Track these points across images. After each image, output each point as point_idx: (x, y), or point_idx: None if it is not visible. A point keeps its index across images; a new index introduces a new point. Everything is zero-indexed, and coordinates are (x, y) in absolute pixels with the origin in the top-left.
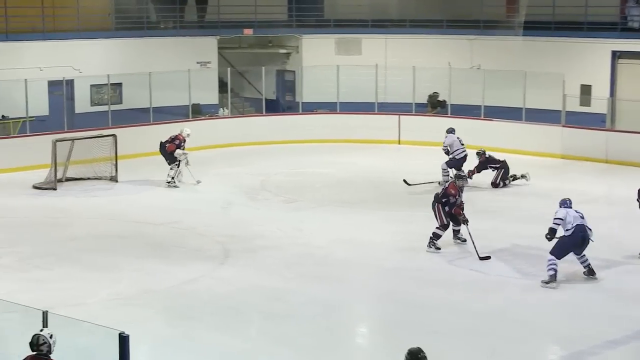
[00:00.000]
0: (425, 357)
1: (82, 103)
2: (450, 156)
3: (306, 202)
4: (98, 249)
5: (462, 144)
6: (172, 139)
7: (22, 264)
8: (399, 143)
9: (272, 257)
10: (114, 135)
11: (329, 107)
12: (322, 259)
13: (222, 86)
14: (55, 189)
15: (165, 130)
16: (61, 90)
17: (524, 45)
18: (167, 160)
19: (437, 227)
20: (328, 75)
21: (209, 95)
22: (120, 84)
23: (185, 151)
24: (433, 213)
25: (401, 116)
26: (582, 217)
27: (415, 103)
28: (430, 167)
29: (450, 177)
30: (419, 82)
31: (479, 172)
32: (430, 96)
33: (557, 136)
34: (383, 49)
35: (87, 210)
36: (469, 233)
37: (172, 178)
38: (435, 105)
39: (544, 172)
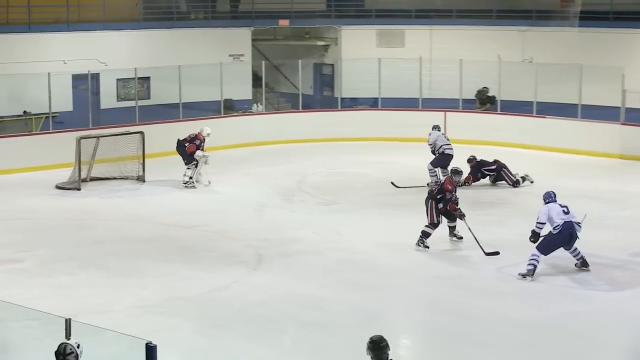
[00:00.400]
0: (387, 345)
1: (108, 98)
2: (436, 154)
3: (345, 204)
4: (124, 253)
5: (448, 141)
6: (192, 139)
7: (43, 268)
8: None
9: (309, 262)
10: (141, 133)
11: (370, 103)
12: (362, 265)
13: (256, 80)
14: (79, 189)
15: (195, 127)
16: (86, 84)
17: (580, 36)
18: (184, 160)
19: (426, 225)
20: (369, 69)
21: (242, 90)
22: (148, 78)
23: (206, 153)
24: (425, 209)
25: (447, 113)
26: (567, 212)
27: (462, 99)
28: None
29: (442, 176)
30: (466, 77)
31: (475, 179)
32: (478, 92)
33: (616, 135)
34: (428, 41)
35: (113, 211)
36: (469, 228)
37: (190, 178)
38: (484, 102)
39: (600, 173)
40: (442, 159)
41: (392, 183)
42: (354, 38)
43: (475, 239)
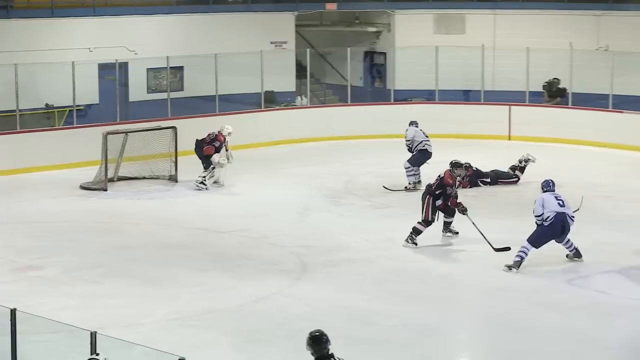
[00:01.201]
0: (328, 340)
1: (138, 90)
2: (414, 151)
3: (399, 208)
4: (154, 260)
5: (427, 137)
6: (212, 140)
7: (67, 276)
8: (509, 139)
9: (358, 272)
10: (173, 128)
11: (426, 96)
12: (418, 275)
13: (300, 71)
14: (105, 190)
15: (233, 122)
16: (113, 74)
17: None
18: (202, 163)
19: (418, 222)
20: (425, 58)
21: (285, 81)
22: (181, 68)
23: (223, 158)
24: (421, 205)
25: (512, 107)
26: (563, 205)
27: (530, 91)
28: (548, 169)
29: (415, 180)
30: (533, 67)
31: (471, 187)
32: (547, 83)
33: None
34: (491, 26)
35: (142, 214)
36: (474, 223)
37: (203, 178)
38: (553, 94)
39: None
40: (420, 156)
41: (384, 187)
42: (409, 24)
43: (482, 234)
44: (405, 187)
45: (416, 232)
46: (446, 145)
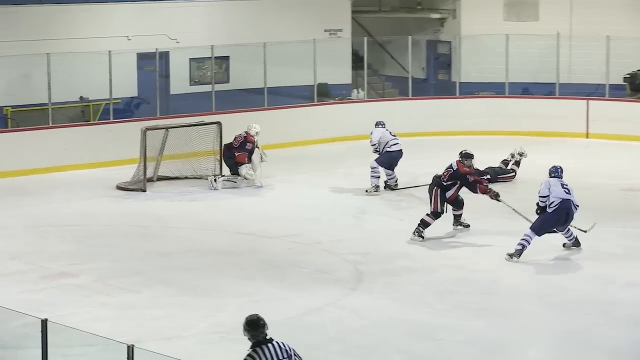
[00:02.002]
0: (265, 324)
1: (179, 81)
2: (383, 151)
3: (465, 212)
4: (196, 267)
5: (395, 137)
6: (241, 144)
7: (101, 284)
8: (587, 136)
9: (419, 282)
10: (218, 123)
11: (495, 89)
12: (485, 286)
13: (357, 61)
14: (144, 191)
15: (283, 117)
16: (153, 65)
17: None
18: (230, 170)
19: (427, 214)
20: (494, 47)
21: (340, 73)
22: (227, 58)
23: (259, 154)
24: (429, 197)
25: (590, 101)
26: (569, 192)
27: (610, 84)
28: (629, 170)
29: (376, 183)
30: (614, 57)
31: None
32: (630, 75)
33: None
34: (567, 12)
35: (184, 217)
36: (514, 209)
37: (219, 177)
38: (636, 88)
39: None
40: (389, 158)
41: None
42: (476, 10)
43: (526, 218)
44: (366, 190)
45: (424, 224)
46: (518, 142)
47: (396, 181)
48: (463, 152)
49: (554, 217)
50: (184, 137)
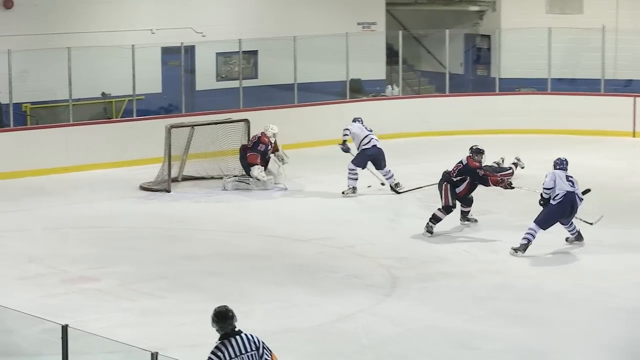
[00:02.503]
0: (234, 316)
1: (206, 77)
2: (358, 150)
3: (504, 215)
4: (224, 272)
5: (371, 131)
6: (254, 144)
7: (124, 289)
8: (634, 135)
9: (456, 288)
10: (246, 121)
11: (537, 85)
12: (526, 292)
13: (391, 56)
14: (168, 191)
15: (314, 115)
16: (178, 60)
17: None
18: (244, 170)
19: (439, 209)
20: (536, 41)
21: (374, 68)
22: (255, 53)
23: (280, 156)
24: (439, 193)
25: (637, 98)
26: (573, 185)
27: None
28: None
29: (354, 185)
30: None
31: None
32: None
33: None
34: (613, 5)
35: (211, 219)
36: (534, 190)
37: (229, 177)
38: None
39: None
40: (366, 157)
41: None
42: (518, 2)
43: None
44: (343, 192)
45: (435, 219)
46: (558, 142)
47: (395, 181)
48: (474, 147)
49: (559, 209)
50: (210, 135)
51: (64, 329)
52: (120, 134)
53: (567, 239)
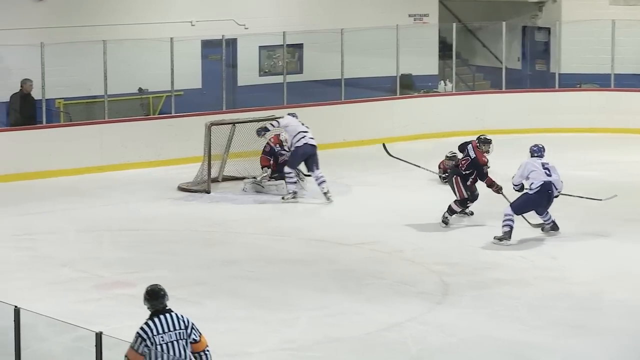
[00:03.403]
0: (165, 295)
1: (248, 72)
2: (292, 149)
3: (562, 219)
4: (266, 277)
5: (307, 130)
6: (265, 146)
7: None
8: None
9: (512, 296)
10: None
11: (600, 81)
12: (585, 301)
13: (444, 50)
14: (208, 192)
15: (362, 112)
16: (219, 53)
17: None
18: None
19: (455, 201)
20: (598, 34)
21: (425, 63)
22: (300, 46)
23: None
24: (451, 188)
25: None
26: (549, 174)
27: None
28: None
29: (294, 189)
30: None
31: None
32: None
33: None
34: None
35: (252, 222)
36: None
37: (249, 179)
38: None
39: None
40: (298, 157)
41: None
42: None
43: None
44: (282, 198)
45: (451, 211)
46: (621, 141)
47: (325, 189)
48: (481, 137)
49: (536, 198)
50: (252, 134)
51: (98, 336)
52: (157, 132)
53: (542, 229)
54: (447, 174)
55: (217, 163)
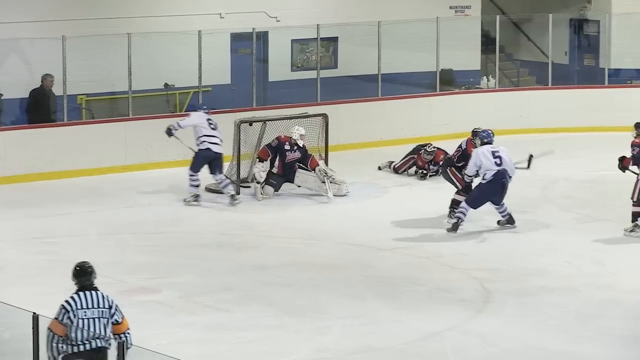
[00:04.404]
0: (93, 272)
1: (280, 67)
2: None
3: (612, 223)
4: (296, 283)
5: (214, 130)
6: (272, 140)
7: (187, 302)
8: None
9: (558, 304)
10: (324, 116)
11: None
12: (637, 310)
13: (487, 43)
14: (237, 193)
15: (400, 109)
16: (250, 47)
17: None
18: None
19: (456, 192)
20: None
21: (467, 57)
22: (335, 40)
23: (320, 174)
24: (449, 181)
25: None
26: (501, 162)
27: None
28: None
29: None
30: None
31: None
32: None
33: None
34: None
35: (283, 225)
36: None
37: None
38: None
39: None
40: (200, 160)
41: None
42: None
43: None
44: (184, 200)
45: (457, 203)
46: None
47: (232, 192)
48: (475, 129)
49: (490, 188)
50: (284, 132)
51: (121, 345)
52: (184, 130)
53: (498, 222)
54: (424, 171)
55: (247, 163)
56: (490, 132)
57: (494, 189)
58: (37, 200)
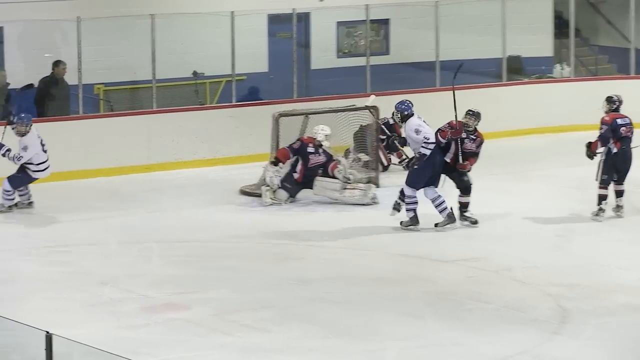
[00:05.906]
0: None
1: (324, 52)
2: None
3: None
4: (345, 299)
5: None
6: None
7: (220, 319)
8: None
9: None
10: (374, 108)
11: None
12: None
13: (561, 27)
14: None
15: (463, 100)
16: (290, 31)
17: None
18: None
19: (459, 195)
20: None
21: (538, 42)
22: (386, 22)
23: (344, 170)
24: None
25: None
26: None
27: None
28: None
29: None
30: None
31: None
32: None
33: None
34: None
35: (329, 233)
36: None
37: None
38: None
39: None
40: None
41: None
42: None
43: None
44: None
45: (465, 206)
46: None
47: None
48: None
49: (430, 163)
50: (329, 126)
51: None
52: (215, 124)
53: (435, 226)
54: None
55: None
56: (408, 102)
57: (434, 163)
58: (49, 203)
